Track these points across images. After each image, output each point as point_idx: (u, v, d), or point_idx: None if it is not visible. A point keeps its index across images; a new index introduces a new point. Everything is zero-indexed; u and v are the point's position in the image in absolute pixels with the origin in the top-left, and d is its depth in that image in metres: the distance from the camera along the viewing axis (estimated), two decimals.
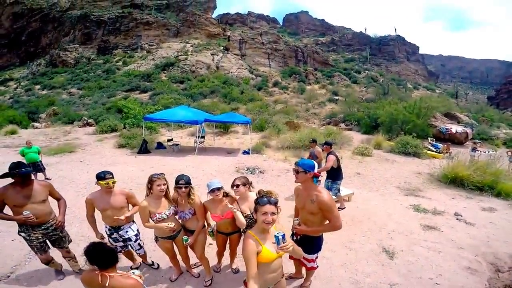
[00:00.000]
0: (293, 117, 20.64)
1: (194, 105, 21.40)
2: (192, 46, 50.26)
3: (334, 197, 5.30)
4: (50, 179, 7.28)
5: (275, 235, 1.95)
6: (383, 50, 70.32)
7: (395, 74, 57.59)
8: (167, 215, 2.85)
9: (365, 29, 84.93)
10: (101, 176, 2.97)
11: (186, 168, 8.20)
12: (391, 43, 72.05)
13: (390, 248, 4.05)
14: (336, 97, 31.11)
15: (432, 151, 12.09)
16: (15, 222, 2.94)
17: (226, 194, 2.91)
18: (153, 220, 2.83)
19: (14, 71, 53.62)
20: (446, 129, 14.55)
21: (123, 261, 3.57)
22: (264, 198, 1.98)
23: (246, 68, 44.06)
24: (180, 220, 3.04)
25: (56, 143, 13.11)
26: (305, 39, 76.02)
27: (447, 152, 11.62)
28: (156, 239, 3.06)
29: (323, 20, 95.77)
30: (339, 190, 5.30)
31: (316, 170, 2.49)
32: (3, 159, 9.83)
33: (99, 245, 1.90)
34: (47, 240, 3.11)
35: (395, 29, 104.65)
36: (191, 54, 45.43)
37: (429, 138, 14.02)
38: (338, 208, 5.36)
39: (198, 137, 11.61)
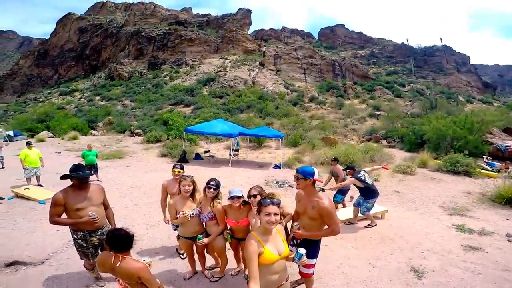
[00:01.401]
0: (330, 133, 20.21)
1: (231, 119, 22.28)
2: (230, 61, 52.50)
3: (361, 214, 5.19)
4: (101, 181, 8.29)
5: (297, 251, 2.07)
6: (429, 62, 65.68)
7: (444, 87, 53.17)
8: (191, 216, 3.09)
9: (407, 40, 79.94)
10: (174, 166, 3.86)
11: (219, 178, 8.42)
12: (437, 54, 67.04)
13: (420, 268, 3.79)
14: (378, 112, 29.80)
15: (488, 170, 10.82)
16: (69, 228, 3.00)
17: (245, 203, 3.05)
18: (177, 218, 3.11)
19: (79, 83, 61.62)
20: (506, 146, 12.90)
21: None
22: (267, 199, 2.03)
23: (281, 83, 44.65)
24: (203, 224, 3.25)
25: (108, 150, 14.73)
26: (342, 52, 74.65)
27: (506, 171, 10.30)
28: (178, 237, 3.35)
29: (360, 32, 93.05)
30: (368, 209, 5.16)
31: (316, 176, 2.58)
32: (65, 160, 11.45)
33: (118, 230, 2.19)
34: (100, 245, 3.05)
35: (441, 39, 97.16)
36: (229, 70, 47.52)
37: (484, 156, 12.57)
38: (369, 225, 5.24)
39: (233, 149, 12.12)
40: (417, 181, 9.02)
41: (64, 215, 2.88)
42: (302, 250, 2.07)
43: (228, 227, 3.18)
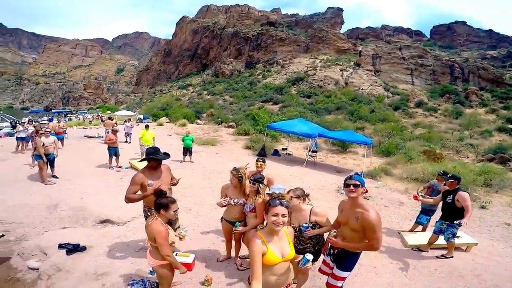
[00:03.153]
0: (437, 146, 17.02)
1: (316, 120, 21.88)
2: (321, 61, 51.10)
3: (445, 241, 4.38)
4: (193, 162, 9.84)
5: (304, 256, 2.03)
6: None
7: None
8: (235, 203, 3.35)
9: None
10: (257, 159, 4.38)
11: (289, 177, 8.85)
12: None
13: None
14: (511, 126, 23.11)
15: None
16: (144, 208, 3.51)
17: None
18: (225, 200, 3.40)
19: (193, 78, 72.80)
20: None
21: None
22: (276, 200, 1.98)
23: (381, 85, 40.23)
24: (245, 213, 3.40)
25: (206, 137, 17.11)
26: (464, 52, 61.00)
27: None
28: (221, 219, 3.62)
29: (490, 30, 74.44)
30: (454, 235, 4.30)
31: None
32: (172, 142, 14.07)
33: (159, 194, 2.71)
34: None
35: None
36: (319, 70, 46.25)
37: None
38: (442, 255, 4.43)
39: (310, 150, 12.02)
40: None
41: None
42: (309, 256, 2.02)
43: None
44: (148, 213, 3.39)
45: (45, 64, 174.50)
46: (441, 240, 4.53)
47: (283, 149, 13.19)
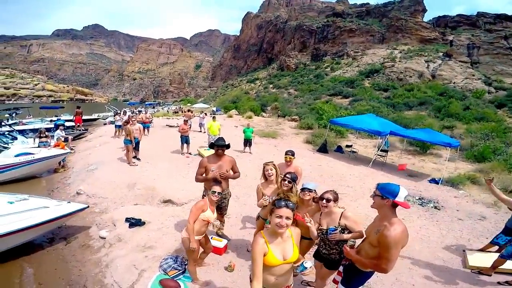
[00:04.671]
0: None
1: (393, 116, 19.71)
2: (400, 52, 46.15)
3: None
4: (251, 153, 10.15)
5: (302, 263, 1.93)
6: None
7: None
8: (269, 200, 3.23)
9: None
10: (286, 152, 4.22)
11: (349, 177, 8.18)
12: None
13: None
14: None
15: None
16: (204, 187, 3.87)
17: (317, 200, 2.84)
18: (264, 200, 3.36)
19: (260, 72, 74.83)
20: None
21: None
22: (282, 201, 1.90)
23: (480, 79, 33.22)
24: None
25: (268, 129, 17.39)
26: None
27: None
28: (258, 217, 3.58)
29: None
30: None
31: (399, 199, 1.98)
32: (236, 133, 14.78)
33: (215, 179, 3.08)
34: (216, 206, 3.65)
35: None
36: (399, 61, 41.68)
37: None
38: (506, 282, 3.63)
39: (379, 149, 10.87)
40: None
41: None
42: (308, 264, 1.92)
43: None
44: (204, 194, 3.86)
45: (139, 62, 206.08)
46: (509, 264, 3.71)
47: (347, 146, 12.30)
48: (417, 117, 20.20)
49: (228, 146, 3.80)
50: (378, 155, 10.82)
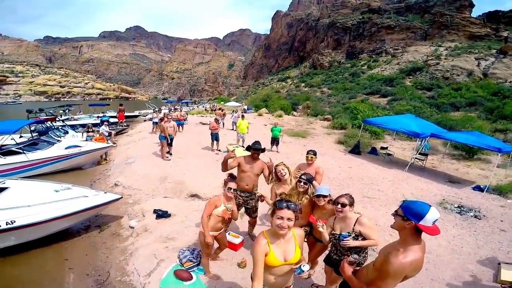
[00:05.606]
0: None
1: (436, 118, 18.20)
2: (446, 49, 42.56)
3: None
4: (278, 152, 10.09)
5: (300, 266, 1.87)
6: None
7: None
8: None
9: None
10: (308, 152, 4.09)
11: (381, 180, 7.70)
12: None
13: None
14: None
15: None
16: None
17: (332, 202, 2.73)
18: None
19: (291, 71, 73.96)
20: None
21: None
22: (283, 203, 1.86)
23: None
24: None
25: (298, 129, 17.13)
26: None
27: None
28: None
29: None
30: None
31: (425, 222, 1.64)
32: (265, 131, 14.77)
33: (231, 175, 3.15)
34: (243, 207, 3.95)
35: None
36: (445, 59, 38.38)
37: None
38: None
39: (418, 152, 10.09)
40: None
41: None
42: (306, 267, 1.83)
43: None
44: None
45: (177, 62, 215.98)
46: None
47: (382, 148, 11.61)
48: (465, 119, 18.34)
49: (263, 150, 3.90)
50: (416, 158, 10.06)
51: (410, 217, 1.71)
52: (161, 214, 4.76)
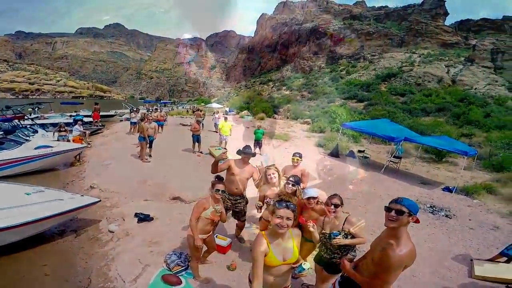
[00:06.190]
0: None
1: (408, 122, 19.24)
2: (420, 56, 44.84)
3: None
4: (261, 155, 10.15)
5: (301, 264, 1.93)
6: None
7: None
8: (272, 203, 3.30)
9: None
10: (294, 154, 4.18)
11: (360, 182, 8.05)
12: None
13: None
14: None
15: None
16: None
17: (325, 203, 2.80)
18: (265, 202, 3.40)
19: (273, 74, 74.75)
20: None
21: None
22: (283, 202, 1.92)
23: (503, 85, 31.93)
24: None
25: (279, 131, 17.35)
26: None
27: None
28: (260, 218, 3.57)
29: None
30: None
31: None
32: (248, 134, 14.82)
33: (218, 177, 3.20)
34: (232, 210, 3.94)
35: None
36: (418, 65, 40.41)
37: None
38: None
39: (392, 155, 10.61)
40: None
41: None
42: (306, 265, 1.91)
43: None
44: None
45: (156, 61, 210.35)
46: None
47: (360, 151, 12.08)
48: (434, 124, 19.60)
49: (254, 155, 3.97)
50: (391, 161, 10.58)
51: (414, 212, 1.86)
52: (143, 218, 4.62)
